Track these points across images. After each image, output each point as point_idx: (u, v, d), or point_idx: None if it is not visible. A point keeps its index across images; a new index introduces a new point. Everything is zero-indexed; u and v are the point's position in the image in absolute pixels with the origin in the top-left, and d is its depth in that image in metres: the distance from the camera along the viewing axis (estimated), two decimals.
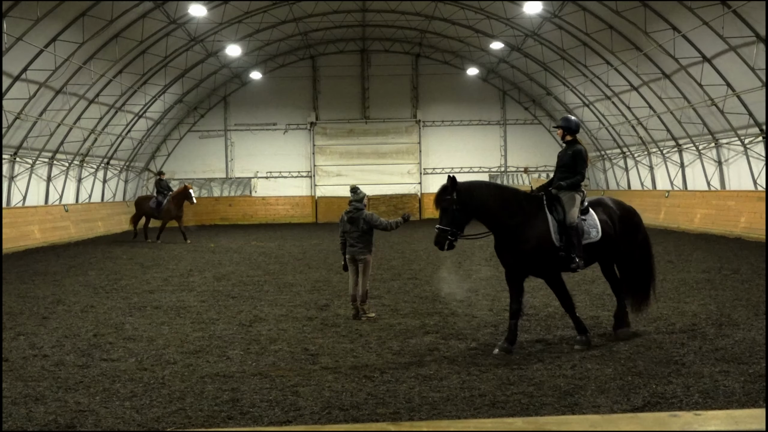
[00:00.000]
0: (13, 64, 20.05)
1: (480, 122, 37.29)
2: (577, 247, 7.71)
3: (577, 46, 27.35)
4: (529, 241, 7.68)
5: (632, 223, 8.41)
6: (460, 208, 7.66)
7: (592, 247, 7.92)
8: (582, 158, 8.19)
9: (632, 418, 1.70)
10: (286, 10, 29.32)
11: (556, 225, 7.75)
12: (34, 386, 6.60)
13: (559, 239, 7.71)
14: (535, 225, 7.75)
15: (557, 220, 7.77)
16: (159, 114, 32.56)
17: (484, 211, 7.80)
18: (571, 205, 7.83)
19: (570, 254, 7.69)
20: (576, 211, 7.83)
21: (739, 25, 18.87)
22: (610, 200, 8.55)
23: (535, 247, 7.68)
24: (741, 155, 23.09)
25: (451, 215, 7.66)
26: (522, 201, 7.91)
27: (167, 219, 23.44)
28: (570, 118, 8.52)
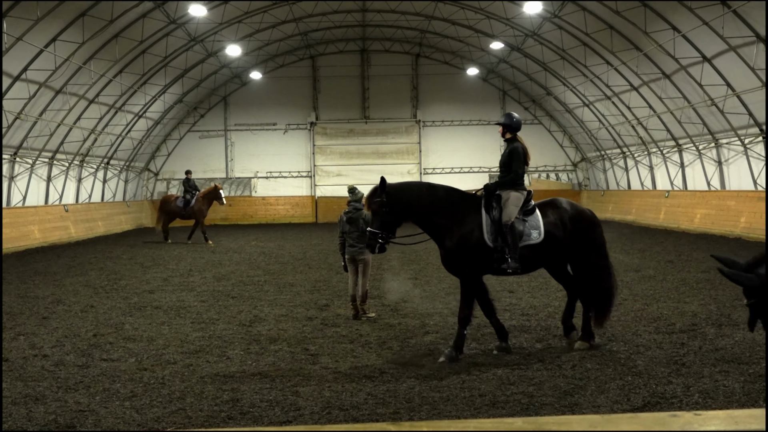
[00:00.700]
0: (13, 64, 20.05)
1: (480, 122, 37.29)
2: (511, 247, 7.45)
3: (577, 46, 27.35)
4: (456, 239, 7.50)
5: (586, 226, 8.02)
6: (389, 210, 7.58)
7: (534, 249, 7.61)
8: (517, 156, 7.98)
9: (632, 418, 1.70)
10: (286, 10, 29.31)
11: (491, 225, 7.54)
12: (34, 386, 6.60)
13: (493, 239, 7.49)
14: (466, 224, 7.57)
15: (493, 220, 7.57)
16: (159, 114, 32.56)
17: (414, 212, 7.70)
18: (508, 205, 7.64)
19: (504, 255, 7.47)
20: (513, 210, 7.61)
21: (739, 25, 18.87)
22: (566, 202, 8.32)
23: (461, 246, 7.48)
24: (741, 155, 23.09)
25: (381, 217, 7.60)
26: (455, 201, 7.76)
27: (198, 218, 22.90)
28: (512, 115, 8.29)
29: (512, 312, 9.85)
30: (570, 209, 8.07)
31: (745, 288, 3.43)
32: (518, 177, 7.93)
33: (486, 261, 7.51)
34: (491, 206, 7.67)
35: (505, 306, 10.28)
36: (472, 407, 5.80)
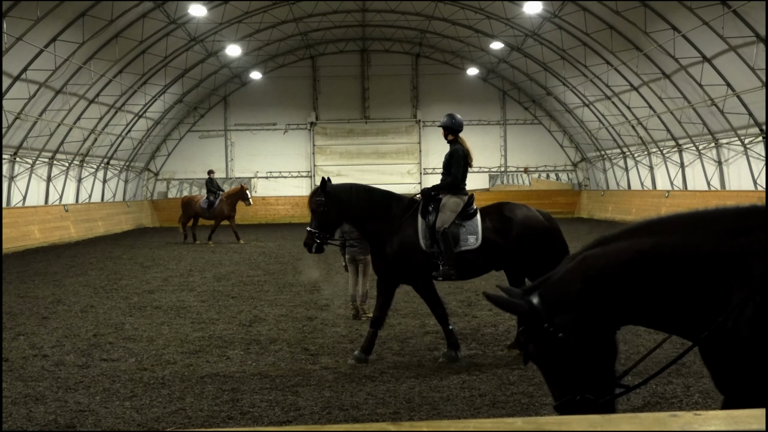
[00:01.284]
0: (13, 64, 20.05)
1: (480, 122, 37.28)
2: (444, 253, 7.29)
3: (577, 46, 27.36)
4: (392, 245, 7.42)
5: (536, 231, 7.52)
6: (327, 211, 7.59)
7: (472, 254, 7.42)
8: (457, 159, 7.82)
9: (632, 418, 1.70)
10: (286, 10, 29.32)
11: (426, 230, 7.43)
12: (34, 386, 6.60)
13: (429, 245, 7.35)
14: (402, 229, 7.48)
15: (428, 225, 7.45)
16: (159, 114, 32.57)
17: (351, 214, 7.68)
18: (445, 210, 7.52)
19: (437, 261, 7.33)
20: (449, 216, 7.47)
21: (739, 25, 18.87)
22: (515, 206, 7.81)
23: (397, 252, 7.39)
24: (741, 155, 23.09)
25: (319, 217, 7.61)
26: (392, 204, 7.68)
27: (220, 219, 22.62)
28: (453, 116, 8.09)
29: None
30: (518, 214, 7.62)
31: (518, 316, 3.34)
32: (457, 180, 7.75)
33: (427, 266, 7.39)
34: (427, 211, 7.56)
35: None
36: (472, 407, 5.80)
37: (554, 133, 37.34)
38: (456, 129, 7.99)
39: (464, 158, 7.88)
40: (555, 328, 3.18)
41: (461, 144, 7.96)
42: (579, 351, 3.16)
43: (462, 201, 7.65)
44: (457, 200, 7.62)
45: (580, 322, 3.16)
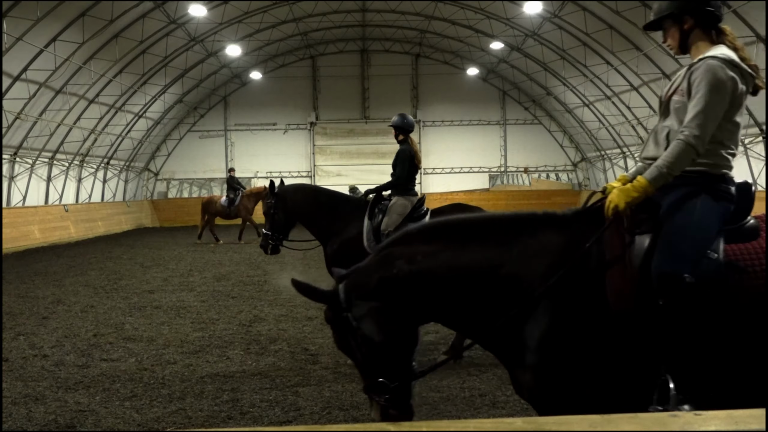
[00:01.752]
0: (13, 64, 20.06)
1: (480, 122, 37.29)
2: None
3: (577, 46, 27.36)
4: (333, 245, 7.45)
5: None
6: (276, 213, 7.69)
7: None
8: (401, 159, 7.79)
9: (632, 418, 1.70)
10: (286, 10, 29.32)
11: (371, 231, 7.43)
12: (34, 386, 6.60)
13: (373, 246, 7.25)
14: (346, 230, 7.51)
15: (374, 227, 7.46)
16: (159, 114, 32.57)
17: (300, 215, 7.75)
18: (391, 213, 7.50)
19: None
20: (394, 218, 7.45)
21: (739, 25, 18.86)
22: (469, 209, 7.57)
23: (337, 251, 7.41)
24: (741, 155, 23.09)
25: (271, 219, 7.71)
26: (339, 206, 7.71)
27: (245, 217, 22.28)
28: (404, 116, 8.08)
29: None
30: None
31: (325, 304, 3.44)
32: (401, 180, 7.73)
33: None
34: (374, 213, 7.56)
35: None
36: (472, 407, 5.80)
37: (554, 133, 37.34)
38: (406, 129, 7.99)
39: (410, 159, 7.85)
40: (353, 318, 3.32)
41: (409, 144, 7.94)
42: (373, 340, 3.31)
43: (410, 203, 7.63)
44: (404, 202, 7.61)
45: (376, 314, 3.31)
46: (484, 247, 3.28)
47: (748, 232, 3.23)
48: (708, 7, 3.47)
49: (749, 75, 3.40)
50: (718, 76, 3.26)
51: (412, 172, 7.84)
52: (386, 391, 3.30)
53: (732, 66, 3.33)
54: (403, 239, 3.44)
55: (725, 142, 3.32)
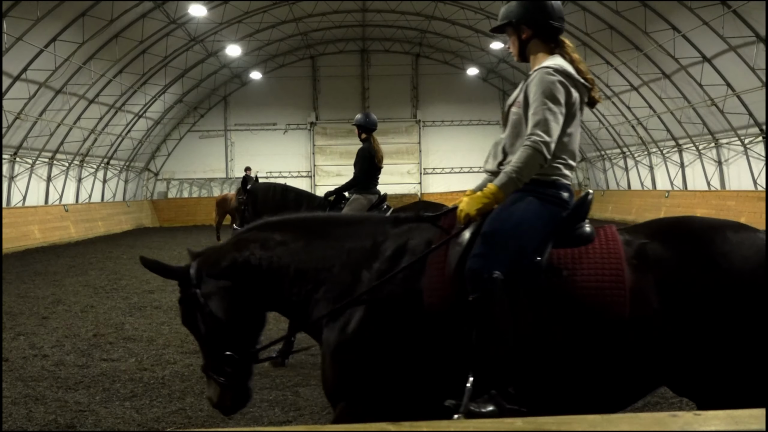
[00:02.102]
0: (13, 64, 20.06)
1: (480, 122, 37.30)
2: None
3: (577, 46, 27.30)
4: None
5: None
6: (247, 209, 7.82)
7: None
8: (361, 158, 7.83)
9: (632, 418, 1.70)
10: (286, 10, 29.33)
11: None
12: (34, 386, 6.60)
13: None
14: None
15: None
16: (159, 114, 32.57)
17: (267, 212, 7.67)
18: (347, 209, 7.58)
19: None
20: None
21: (739, 25, 18.87)
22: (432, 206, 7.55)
23: None
24: (741, 155, 23.09)
25: (241, 215, 7.86)
26: (303, 204, 7.80)
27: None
28: (368, 115, 8.12)
29: None
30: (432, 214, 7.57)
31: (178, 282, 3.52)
32: (359, 180, 7.78)
33: None
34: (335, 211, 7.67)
35: None
36: None
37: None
38: (369, 128, 8.04)
39: (370, 158, 7.89)
40: (201, 294, 3.42)
41: (371, 143, 7.97)
42: (218, 318, 3.41)
43: (368, 201, 7.67)
44: (362, 200, 7.67)
45: (224, 293, 3.42)
46: (326, 247, 3.41)
47: (579, 238, 3.27)
48: (546, 20, 3.53)
49: (583, 86, 3.39)
50: (551, 85, 3.27)
51: (372, 171, 7.86)
52: (224, 371, 3.40)
53: (564, 75, 3.31)
54: (261, 227, 3.59)
55: (556, 153, 3.34)
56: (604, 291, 3.07)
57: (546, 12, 3.53)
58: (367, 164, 7.82)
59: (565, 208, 3.36)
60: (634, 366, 3.07)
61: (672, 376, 3.12)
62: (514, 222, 3.21)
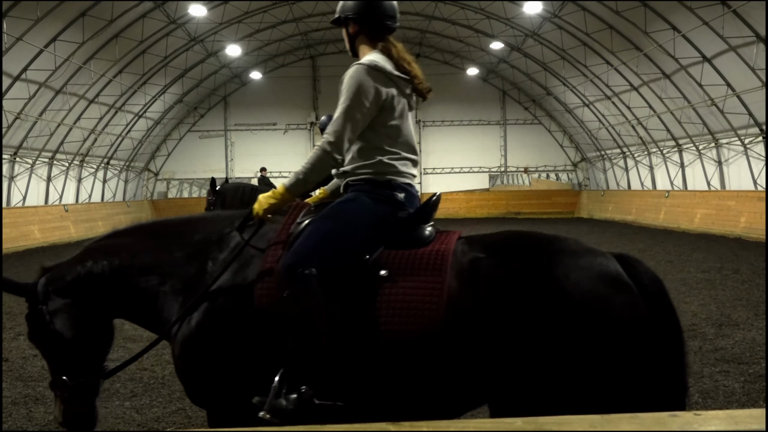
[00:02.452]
0: (13, 64, 20.06)
1: (480, 122, 37.30)
2: None
3: (577, 46, 27.36)
4: None
5: None
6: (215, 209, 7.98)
7: None
8: None
9: (632, 418, 1.70)
10: (286, 10, 29.33)
11: None
12: (34, 386, 6.60)
13: None
14: None
15: None
16: (159, 114, 32.58)
17: None
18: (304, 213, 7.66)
19: None
20: None
21: (739, 25, 18.88)
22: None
23: None
24: (741, 155, 23.09)
25: None
26: None
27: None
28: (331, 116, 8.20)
29: None
30: None
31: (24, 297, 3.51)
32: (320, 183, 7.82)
33: None
34: None
35: None
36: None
37: (554, 133, 37.35)
38: None
39: None
40: (47, 311, 3.39)
41: None
42: (63, 337, 3.39)
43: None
44: None
45: (69, 309, 3.40)
46: (172, 243, 3.42)
47: (414, 240, 3.25)
48: (373, 18, 3.52)
49: (401, 80, 3.39)
50: (357, 81, 3.28)
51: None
52: (69, 387, 3.40)
53: (375, 71, 3.32)
54: (110, 235, 3.59)
55: (387, 148, 3.34)
56: (419, 297, 3.03)
57: (373, 10, 3.50)
58: None
59: (401, 209, 3.34)
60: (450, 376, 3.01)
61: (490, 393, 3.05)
62: (340, 221, 3.21)
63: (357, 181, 3.39)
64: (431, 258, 3.13)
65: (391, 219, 3.30)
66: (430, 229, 3.34)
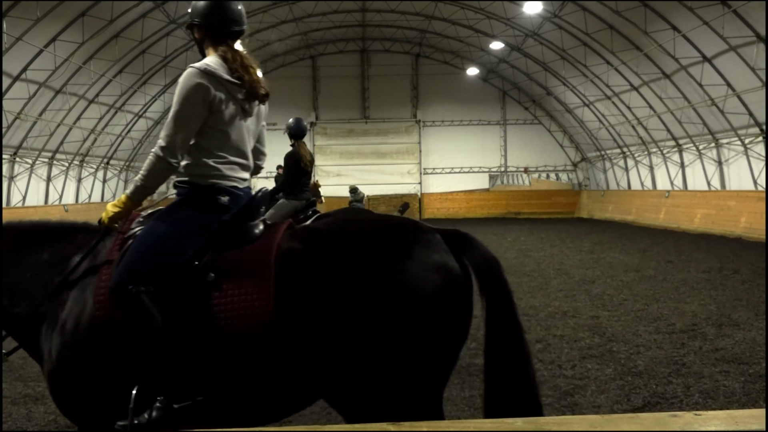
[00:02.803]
0: (13, 64, 20.07)
1: (480, 122, 37.31)
2: None
3: (577, 46, 27.36)
4: None
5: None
6: None
7: None
8: (285, 164, 7.85)
9: (632, 418, 1.70)
10: (286, 10, 29.33)
11: None
12: (34, 386, 6.60)
13: None
14: None
15: None
16: (159, 114, 32.58)
17: None
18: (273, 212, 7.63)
19: None
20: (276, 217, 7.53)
21: (739, 25, 18.88)
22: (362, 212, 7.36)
23: None
24: (741, 155, 23.10)
25: None
26: None
27: None
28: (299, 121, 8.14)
29: None
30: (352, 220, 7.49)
31: None
32: (286, 184, 7.82)
33: None
34: None
35: None
36: (472, 407, 5.79)
37: (554, 133, 37.35)
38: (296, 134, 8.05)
39: (294, 163, 7.88)
40: None
41: (296, 148, 7.98)
42: None
43: (293, 206, 7.70)
44: (288, 205, 7.70)
45: None
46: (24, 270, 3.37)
47: (243, 238, 3.27)
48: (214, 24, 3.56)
49: (232, 85, 3.41)
50: (185, 84, 3.29)
51: (298, 175, 7.85)
52: None
53: (205, 74, 3.34)
54: None
55: (214, 151, 3.35)
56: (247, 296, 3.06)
57: (216, 16, 3.54)
58: (292, 170, 7.80)
59: (225, 212, 3.34)
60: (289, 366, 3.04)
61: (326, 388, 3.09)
62: (160, 234, 3.21)
63: (181, 183, 3.39)
64: (256, 255, 3.16)
65: (215, 223, 3.31)
66: (259, 225, 3.37)
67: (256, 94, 3.54)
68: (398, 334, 2.95)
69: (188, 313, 3.09)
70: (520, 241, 20.76)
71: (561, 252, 17.80)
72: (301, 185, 7.84)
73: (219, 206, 3.33)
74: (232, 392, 3.09)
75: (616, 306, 10.14)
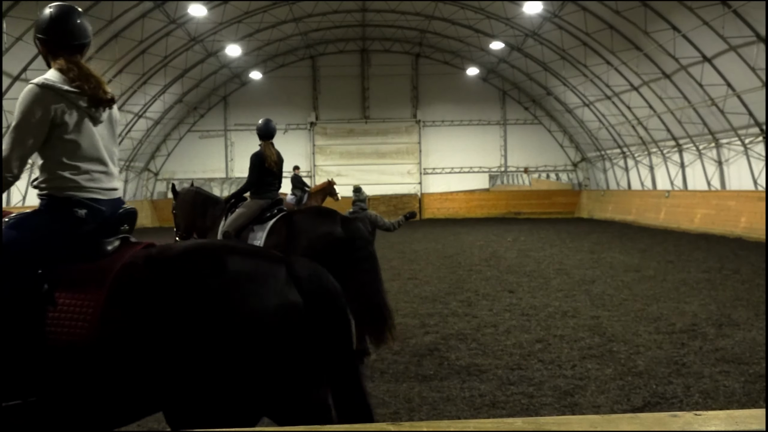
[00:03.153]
0: (13, 64, 20.08)
1: (480, 122, 37.31)
2: None
3: (577, 46, 27.36)
4: None
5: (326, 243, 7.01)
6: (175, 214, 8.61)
7: None
8: (251, 164, 7.94)
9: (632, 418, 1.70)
10: (286, 10, 29.33)
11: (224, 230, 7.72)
12: None
13: None
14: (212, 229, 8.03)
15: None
16: (159, 114, 32.58)
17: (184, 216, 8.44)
18: (236, 214, 7.72)
19: None
20: (237, 220, 7.61)
21: (739, 25, 18.88)
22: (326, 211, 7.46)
23: None
24: (741, 155, 23.10)
25: (174, 219, 8.61)
26: (209, 207, 8.26)
27: None
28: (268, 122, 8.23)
29: (512, 312, 9.84)
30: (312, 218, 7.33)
31: None
32: (250, 185, 7.93)
33: None
34: (229, 214, 7.93)
35: (505, 306, 10.28)
36: (472, 407, 5.80)
37: (554, 133, 37.35)
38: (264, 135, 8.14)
39: (260, 163, 7.96)
40: None
41: (263, 148, 8.05)
42: None
43: (257, 205, 7.74)
44: (251, 204, 7.76)
45: None
46: None
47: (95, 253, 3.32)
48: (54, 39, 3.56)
49: (72, 94, 3.41)
50: (23, 101, 3.34)
51: (263, 175, 7.92)
52: None
53: (42, 88, 3.35)
54: None
55: (67, 162, 3.38)
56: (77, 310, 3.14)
57: (55, 32, 3.55)
58: (256, 170, 7.90)
59: (82, 225, 3.38)
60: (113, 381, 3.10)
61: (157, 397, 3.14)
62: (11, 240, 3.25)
63: (42, 196, 3.44)
64: (99, 270, 3.23)
65: (68, 236, 3.35)
66: (116, 241, 3.42)
67: (99, 99, 3.50)
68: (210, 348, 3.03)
69: (18, 321, 3.15)
70: (520, 241, 20.77)
71: (561, 252, 17.80)
72: (267, 184, 7.98)
73: (74, 219, 3.38)
74: (63, 397, 3.15)
75: (616, 306, 10.14)
